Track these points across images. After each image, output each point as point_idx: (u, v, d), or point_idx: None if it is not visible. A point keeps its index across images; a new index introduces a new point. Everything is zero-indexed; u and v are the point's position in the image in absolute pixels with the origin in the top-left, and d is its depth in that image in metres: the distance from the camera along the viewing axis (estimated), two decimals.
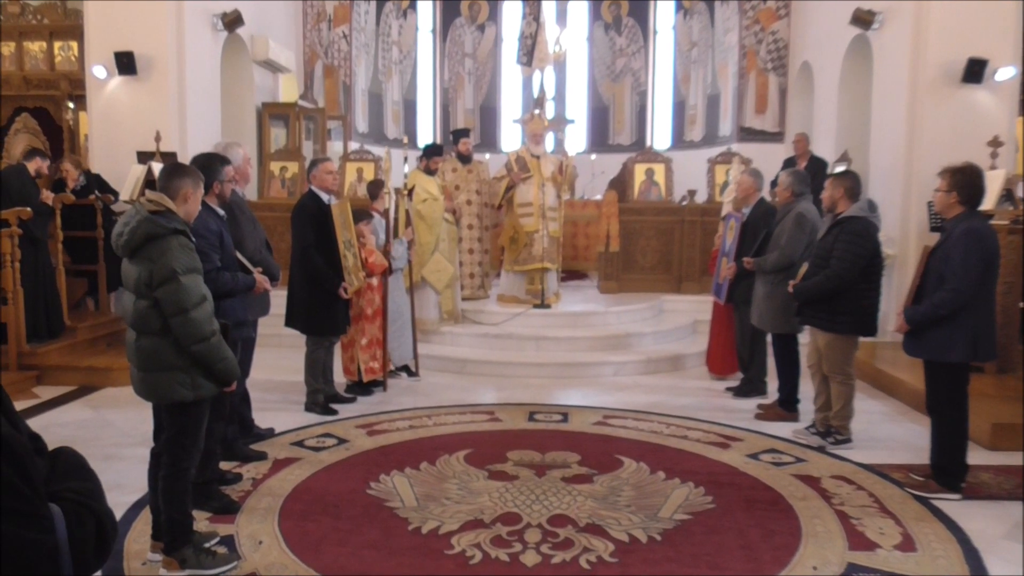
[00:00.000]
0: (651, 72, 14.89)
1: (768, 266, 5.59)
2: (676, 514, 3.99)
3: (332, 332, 5.80)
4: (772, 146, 11.90)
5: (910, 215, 8.00)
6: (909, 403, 6.11)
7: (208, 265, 3.67)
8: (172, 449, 3.38)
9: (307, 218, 5.56)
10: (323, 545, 3.62)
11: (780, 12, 12.20)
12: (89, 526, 1.51)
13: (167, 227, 3.21)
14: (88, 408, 5.95)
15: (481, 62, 15.20)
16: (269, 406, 5.81)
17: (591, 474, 4.52)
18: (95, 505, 1.57)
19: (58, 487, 1.51)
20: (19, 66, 9.57)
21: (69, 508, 1.49)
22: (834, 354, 5.00)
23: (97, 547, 1.53)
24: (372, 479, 4.42)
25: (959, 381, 4.24)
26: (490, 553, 3.54)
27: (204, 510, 3.90)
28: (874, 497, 4.25)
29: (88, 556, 1.51)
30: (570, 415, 5.75)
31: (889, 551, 3.62)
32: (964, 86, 7.80)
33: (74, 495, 1.53)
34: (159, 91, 8.45)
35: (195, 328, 3.21)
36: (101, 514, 1.56)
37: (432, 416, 5.68)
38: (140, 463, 3.65)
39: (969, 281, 4.01)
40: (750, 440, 5.23)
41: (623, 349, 7.55)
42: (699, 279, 9.01)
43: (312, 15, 12.15)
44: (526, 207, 7.95)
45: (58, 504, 1.48)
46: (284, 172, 9.76)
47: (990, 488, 4.41)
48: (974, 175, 4.13)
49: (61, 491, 1.51)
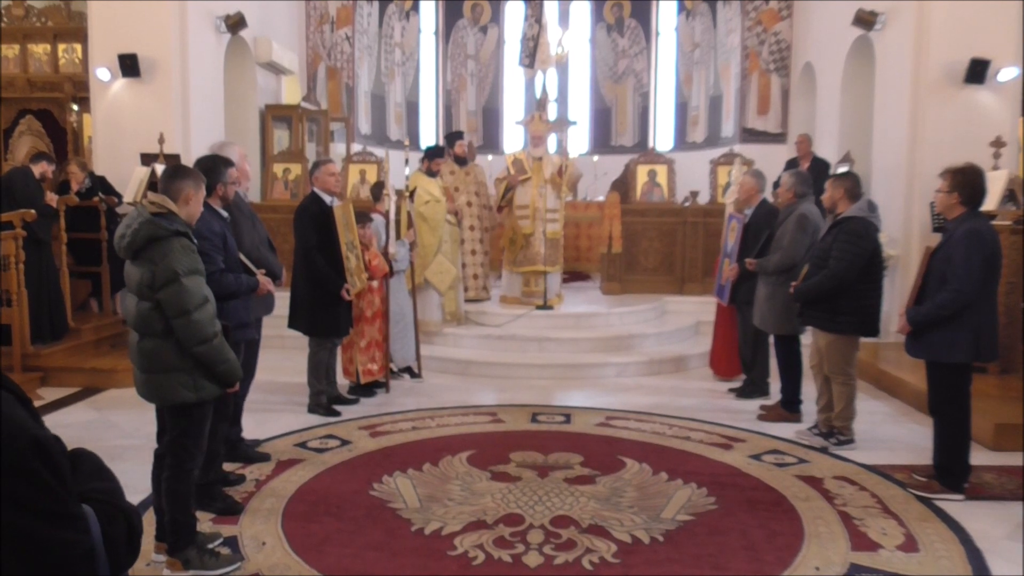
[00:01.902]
0: (653, 73, 14.89)
1: (770, 267, 5.59)
2: (679, 515, 4.00)
3: (335, 333, 5.81)
4: (774, 147, 11.90)
5: (913, 216, 7.99)
6: (911, 404, 6.11)
7: (211, 267, 3.68)
8: (175, 451, 3.39)
9: (309, 220, 5.57)
10: (326, 546, 3.63)
11: (782, 13, 12.21)
12: (120, 525, 1.55)
13: (169, 229, 3.22)
14: (92, 409, 5.97)
15: (483, 64, 15.22)
16: (272, 407, 5.83)
17: (594, 475, 4.52)
18: (123, 504, 1.60)
19: (84, 488, 1.53)
20: (23, 68, 9.59)
21: (99, 508, 1.52)
22: (835, 355, 5.00)
23: (128, 545, 1.56)
24: (375, 480, 4.43)
25: (961, 382, 4.24)
26: (493, 554, 3.55)
27: (208, 511, 3.92)
28: (877, 498, 4.25)
29: (121, 554, 1.55)
30: (573, 416, 5.75)
31: (892, 552, 3.62)
32: (966, 87, 7.79)
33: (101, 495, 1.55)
34: (163, 93, 8.47)
35: (197, 330, 3.22)
36: (129, 512, 1.60)
37: (435, 417, 5.69)
38: (144, 464, 3.66)
39: (971, 282, 4.01)
40: (752, 441, 5.23)
41: (626, 350, 7.55)
42: (702, 280, 9.00)
43: (315, 17, 12.17)
44: (523, 209, 7.97)
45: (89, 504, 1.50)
46: (287, 174, 9.78)
47: (993, 489, 4.41)
48: (975, 176, 4.13)
49: (87, 492, 1.53)
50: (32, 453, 1.37)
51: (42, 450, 1.39)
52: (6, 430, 1.36)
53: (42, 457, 1.38)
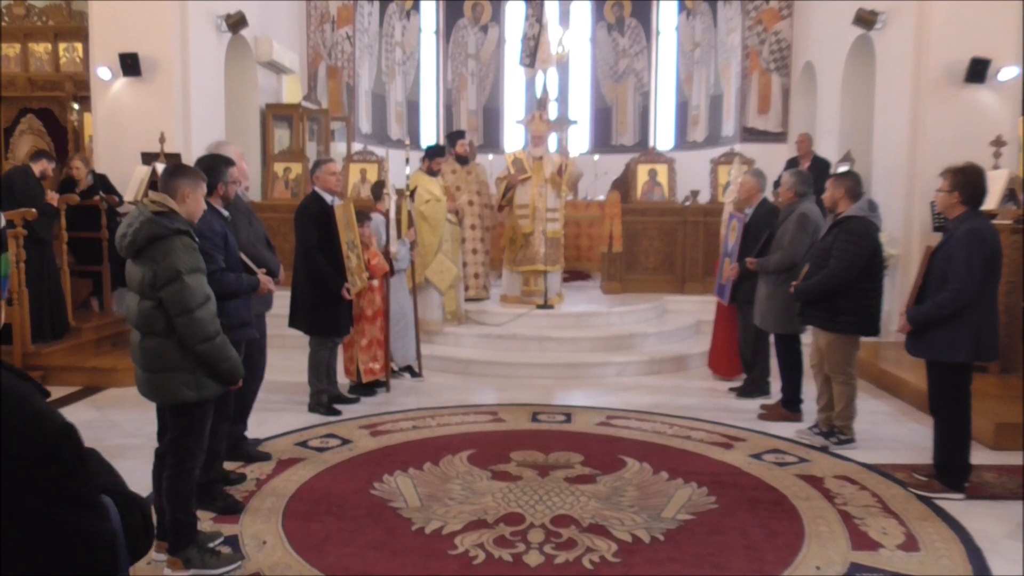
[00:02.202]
0: (654, 73, 14.89)
1: (771, 267, 5.59)
2: (679, 514, 4.00)
3: (336, 333, 5.81)
4: (775, 146, 11.91)
5: (913, 215, 8.00)
6: (912, 403, 6.11)
7: (212, 266, 3.67)
8: (176, 449, 3.39)
9: (310, 219, 5.57)
10: (327, 545, 3.63)
11: (783, 12, 12.21)
12: (136, 513, 1.60)
13: (170, 228, 3.22)
14: (92, 408, 5.97)
15: (484, 63, 15.22)
16: (272, 407, 5.83)
17: (594, 474, 4.53)
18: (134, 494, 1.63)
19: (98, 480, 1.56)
20: (24, 67, 9.61)
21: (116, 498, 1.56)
22: (835, 354, 5.00)
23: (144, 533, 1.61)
24: (376, 479, 4.43)
25: (962, 381, 4.24)
26: (493, 553, 3.55)
27: (208, 510, 3.92)
28: (877, 497, 4.25)
29: (139, 541, 1.60)
30: (573, 415, 5.75)
31: (892, 551, 3.62)
32: (967, 86, 7.79)
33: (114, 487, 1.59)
34: (163, 92, 8.48)
35: (200, 328, 3.22)
36: (141, 502, 1.64)
37: (435, 416, 5.69)
38: (144, 463, 3.67)
39: (972, 281, 4.01)
40: (753, 440, 5.23)
41: (626, 350, 7.55)
42: (702, 279, 9.01)
43: (316, 16, 12.17)
44: (523, 208, 7.97)
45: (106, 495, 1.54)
46: (288, 173, 9.79)
47: (993, 488, 4.41)
48: (976, 175, 4.13)
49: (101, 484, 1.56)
50: (64, 440, 1.40)
51: (72, 437, 1.42)
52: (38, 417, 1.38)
53: (72, 444, 1.41)
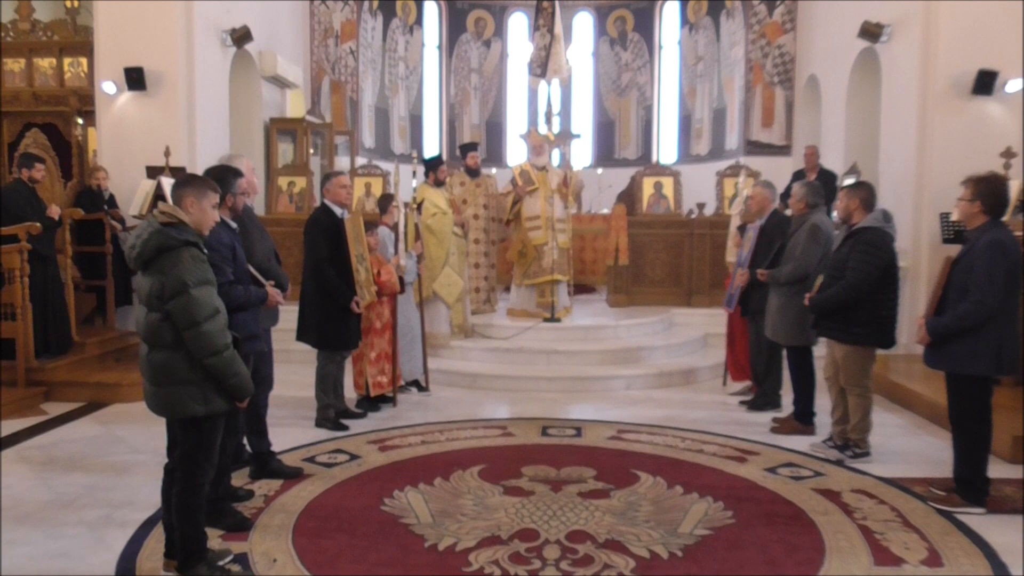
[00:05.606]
0: (657, 86, 14.91)
1: (783, 278, 5.54)
2: (696, 529, 3.92)
3: (344, 347, 5.75)
4: (779, 159, 11.91)
5: (922, 227, 7.96)
6: (926, 416, 6.04)
7: (221, 278, 3.62)
8: (186, 465, 3.33)
9: (320, 232, 5.54)
10: (339, 562, 3.56)
11: (786, 26, 12.23)
12: None
13: (179, 239, 3.17)
14: (97, 424, 5.90)
15: (487, 77, 15.24)
16: (279, 422, 5.74)
17: (608, 489, 4.45)
18: None
19: None
20: (29, 82, 9.59)
21: None
22: (851, 366, 4.94)
23: None
24: (386, 495, 4.36)
25: (982, 394, 4.17)
26: (509, 570, 3.47)
27: (216, 527, 3.83)
28: (897, 511, 4.18)
29: None
30: (584, 430, 5.68)
31: (916, 566, 3.54)
32: (974, 98, 7.78)
33: None
34: (168, 106, 8.47)
35: (208, 341, 3.16)
36: None
37: (444, 431, 5.62)
38: (151, 479, 3.60)
39: (994, 293, 3.95)
40: (767, 454, 5.16)
41: (634, 363, 7.49)
42: (709, 292, 8.95)
43: (319, 31, 12.21)
44: (534, 220, 7.92)
45: None
46: (292, 187, 9.76)
47: (1014, 502, 4.33)
48: (998, 184, 4.08)
49: None
50: None
51: None
52: None
53: None
